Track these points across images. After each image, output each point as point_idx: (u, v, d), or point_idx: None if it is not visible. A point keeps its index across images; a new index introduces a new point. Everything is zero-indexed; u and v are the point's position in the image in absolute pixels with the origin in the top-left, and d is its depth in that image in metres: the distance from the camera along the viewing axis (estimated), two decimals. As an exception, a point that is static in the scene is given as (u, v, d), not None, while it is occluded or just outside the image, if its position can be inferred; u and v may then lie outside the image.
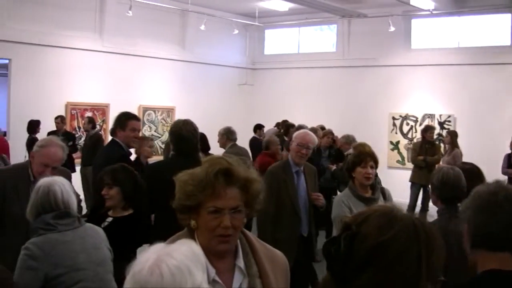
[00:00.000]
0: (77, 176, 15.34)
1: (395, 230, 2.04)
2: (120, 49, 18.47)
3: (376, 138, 17.61)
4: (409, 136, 19.45)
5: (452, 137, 15.03)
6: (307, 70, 21.75)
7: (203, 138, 10.03)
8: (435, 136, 16.36)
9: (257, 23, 21.26)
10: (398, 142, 19.68)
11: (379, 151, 7.92)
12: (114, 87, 18.40)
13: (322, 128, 15.31)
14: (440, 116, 18.77)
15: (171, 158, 6.87)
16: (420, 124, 18.58)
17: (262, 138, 17.70)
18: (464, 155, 14.29)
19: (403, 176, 15.52)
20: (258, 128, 18.11)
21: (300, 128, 10.00)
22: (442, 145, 16.44)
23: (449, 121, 18.60)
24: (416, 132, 18.99)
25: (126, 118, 7.27)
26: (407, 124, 19.53)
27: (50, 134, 14.94)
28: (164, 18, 19.80)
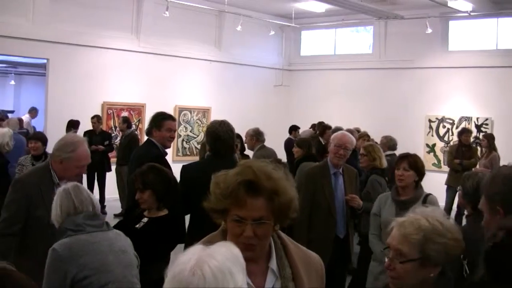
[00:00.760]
0: (112, 175, 15.46)
1: None
2: (157, 49, 18.58)
3: (412, 140, 17.51)
4: (445, 139, 19.29)
5: (489, 140, 14.84)
6: (343, 72, 21.67)
7: (239, 139, 10.01)
8: (472, 139, 16.17)
9: (293, 24, 21.21)
10: (434, 145, 19.53)
11: (415, 154, 7.84)
12: (150, 87, 18.52)
13: (358, 130, 15.20)
14: (477, 119, 18.59)
15: (207, 159, 6.86)
16: (457, 127, 18.43)
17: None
18: (502, 159, 14.13)
19: (439, 179, 15.34)
20: (294, 129, 18.06)
21: (337, 130, 9.93)
22: (479, 148, 16.26)
23: (486, 124, 18.40)
24: (452, 135, 18.83)
25: (162, 118, 7.26)
26: (444, 126, 19.37)
27: (86, 133, 15.08)
28: (200, 19, 19.86)
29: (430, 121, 19.64)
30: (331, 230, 7.29)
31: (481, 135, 17.13)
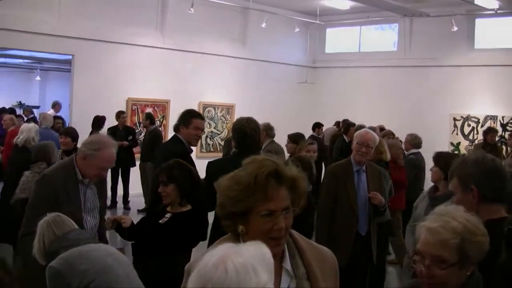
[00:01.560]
0: (136, 171, 15.52)
1: None
2: (181, 46, 18.64)
3: (436, 139, 17.41)
4: (470, 137, 19.17)
5: (515, 139, 14.76)
6: (367, 69, 21.63)
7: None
8: (497, 138, 16.06)
9: (318, 22, 21.19)
10: (459, 144, 19.40)
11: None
12: (175, 83, 18.59)
13: (382, 128, 15.13)
14: (503, 118, 18.46)
15: (233, 155, 6.87)
16: (482, 126, 18.30)
17: (321, 136, 17.66)
18: (527, 158, 14.03)
19: (464, 178, 15.25)
20: (317, 126, 18.02)
21: (360, 128, 9.88)
22: (504, 147, 16.15)
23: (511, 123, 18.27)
24: (477, 133, 18.68)
25: (190, 116, 7.27)
26: (469, 125, 19.25)
27: (110, 129, 15.16)
28: (225, 16, 19.91)
29: (455, 119, 19.53)
30: (353, 227, 7.27)
31: (506, 134, 17.01)
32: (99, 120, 15.40)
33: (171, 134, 8.43)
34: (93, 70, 16.82)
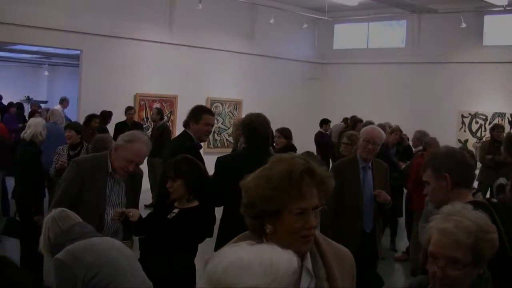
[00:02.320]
0: (144, 166, 15.51)
1: None
2: (189, 41, 18.65)
3: (444, 136, 17.30)
4: (478, 134, 19.15)
5: (523, 136, 14.70)
6: (375, 66, 21.60)
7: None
8: (504, 135, 16.01)
9: (326, 18, 21.14)
10: (466, 141, 19.37)
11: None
12: (183, 79, 18.60)
13: (390, 126, 15.09)
14: (511, 115, 18.41)
15: (243, 151, 6.87)
16: (490, 123, 18.24)
17: (329, 133, 17.65)
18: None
19: (471, 175, 15.23)
20: (324, 122, 18.03)
21: (368, 124, 9.85)
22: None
23: (520, 120, 18.25)
24: (485, 131, 18.65)
25: (200, 112, 7.29)
26: (476, 122, 19.22)
27: (118, 124, 15.18)
28: (233, 12, 19.90)
29: (462, 116, 19.51)
30: (358, 225, 7.23)
31: (514, 132, 16.97)
32: (104, 116, 15.43)
33: (179, 129, 8.45)
34: (101, 66, 16.84)
